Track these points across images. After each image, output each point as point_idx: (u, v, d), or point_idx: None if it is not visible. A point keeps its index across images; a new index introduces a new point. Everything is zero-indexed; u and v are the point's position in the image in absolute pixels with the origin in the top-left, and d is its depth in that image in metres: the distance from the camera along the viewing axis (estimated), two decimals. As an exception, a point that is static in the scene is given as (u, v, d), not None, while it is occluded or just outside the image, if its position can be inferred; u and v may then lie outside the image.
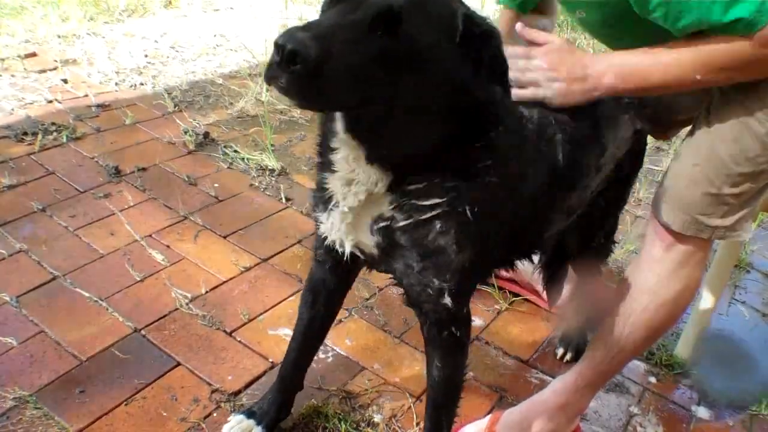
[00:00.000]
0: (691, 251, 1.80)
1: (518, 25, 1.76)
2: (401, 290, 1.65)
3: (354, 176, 1.46)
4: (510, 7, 2.24)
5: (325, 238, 1.63)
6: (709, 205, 1.73)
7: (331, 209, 1.56)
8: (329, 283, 1.83)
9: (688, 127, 1.84)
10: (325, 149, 1.50)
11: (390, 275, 1.65)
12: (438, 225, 1.48)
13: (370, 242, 1.54)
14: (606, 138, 1.84)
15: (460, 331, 1.65)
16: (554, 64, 1.68)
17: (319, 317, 1.90)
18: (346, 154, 1.45)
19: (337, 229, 1.58)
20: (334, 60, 1.14)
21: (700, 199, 1.73)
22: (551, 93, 1.68)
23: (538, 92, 1.69)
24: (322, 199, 1.58)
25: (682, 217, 1.76)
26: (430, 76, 1.29)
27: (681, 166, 1.78)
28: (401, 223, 1.49)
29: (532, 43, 1.75)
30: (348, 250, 1.59)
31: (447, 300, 1.56)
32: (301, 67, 1.10)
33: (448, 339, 1.65)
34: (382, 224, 1.51)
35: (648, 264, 1.87)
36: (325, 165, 1.52)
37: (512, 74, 1.50)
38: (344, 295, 1.93)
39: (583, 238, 2.16)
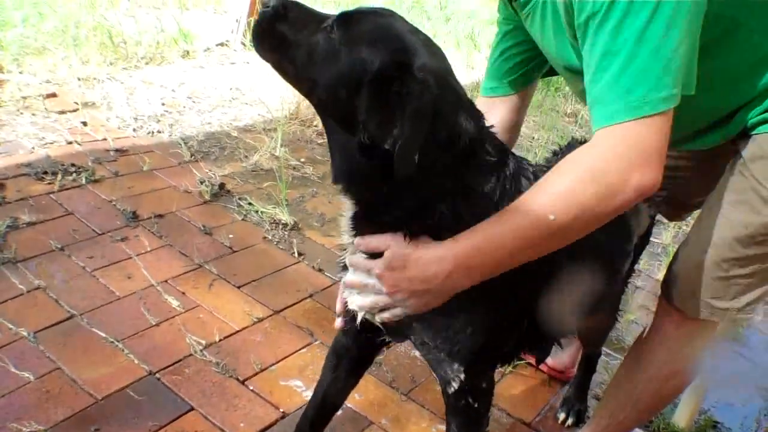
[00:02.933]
0: (701, 328, 1.86)
1: (356, 240, 1.56)
2: (409, 347, 1.72)
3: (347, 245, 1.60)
4: (489, 95, 2.16)
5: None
6: (720, 289, 1.77)
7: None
8: (352, 351, 1.88)
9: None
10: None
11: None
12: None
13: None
14: (632, 228, 1.93)
15: (478, 402, 1.68)
16: (393, 286, 1.51)
17: (339, 381, 1.93)
18: (345, 219, 1.59)
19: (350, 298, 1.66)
20: (287, 21, 1.47)
21: (711, 284, 1.77)
22: (408, 310, 1.55)
23: (394, 312, 1.56)
24: (343, 266, 1.67)
25: (694, 302, 1.81)
26: (332, 82, 1.43)
27: (690, 253, 1.83)
28: None
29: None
30: (359, 318, 1.66)
31: (462, 375, 1.62)
32: (261, 12, 1.48)
33: (465, 408, 1.68)
34: None
35: (658, 338, 1.94)
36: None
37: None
38: (366, 368, 1.98)
39: None
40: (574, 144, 2.15)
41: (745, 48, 1.64)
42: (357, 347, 1.87)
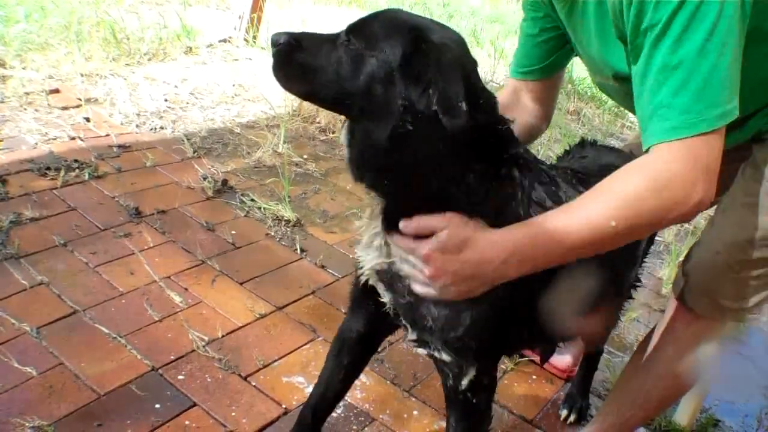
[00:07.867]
0: (710, 326, 1.88)
1: (402, 224, 1.51)
2: (411, 345, 1.72)
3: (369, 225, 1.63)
4: (517, 78, 2.10)
5: (362, 287, 1.72)
6: (731, 289, 1.79)
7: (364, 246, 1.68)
8: (357, 335, 1.88)
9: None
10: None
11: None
12: None
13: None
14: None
15: (477, 398, 1.69)
16: (439, 269, 1.47)
17: (343, 367, 1.93)
18: (369, 217, 1.63)
19: (368, 261, 1.67)
20: (304, 50, 1.51)
21: (723, 285, 1.79)
22: (445, 296, 1.53)
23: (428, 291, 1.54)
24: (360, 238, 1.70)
25: (705, 301, 1.83)
26: (367, 85, 1.47)
27: (703, 254, 1.85)
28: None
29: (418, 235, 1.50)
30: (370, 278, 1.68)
31: (470, 371, 1.63)
32: (275, 51, 1.51)
33: (464, 403, 1.69)
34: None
35: (667, 336, 1.95)
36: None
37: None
38: (370, 355, 1.98)
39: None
40: (585, 144, 2.16)
41: (761, 57, 1.64)
42: (364, 331, 1.88)
